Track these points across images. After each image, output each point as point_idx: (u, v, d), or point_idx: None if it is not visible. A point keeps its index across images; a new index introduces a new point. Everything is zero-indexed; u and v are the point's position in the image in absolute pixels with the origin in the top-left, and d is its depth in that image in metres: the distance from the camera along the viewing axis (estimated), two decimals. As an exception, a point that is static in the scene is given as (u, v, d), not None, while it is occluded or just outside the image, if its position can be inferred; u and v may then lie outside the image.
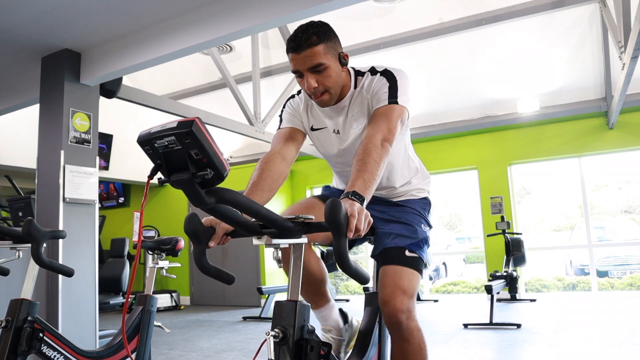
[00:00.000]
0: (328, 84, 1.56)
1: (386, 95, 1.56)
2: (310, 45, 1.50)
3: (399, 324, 1.48)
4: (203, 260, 1.11)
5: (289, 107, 1.79)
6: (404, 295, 1.50)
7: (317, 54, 1.50)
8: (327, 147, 1.78)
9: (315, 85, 1.54)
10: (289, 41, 1.53)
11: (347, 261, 1.05)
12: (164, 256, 2.29)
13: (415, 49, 5.89)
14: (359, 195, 1.26)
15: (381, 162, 1.40)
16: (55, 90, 3.64)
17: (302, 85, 1.58)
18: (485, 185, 7.17)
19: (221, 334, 5.14)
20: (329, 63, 1.54)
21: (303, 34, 1.50)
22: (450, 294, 9.10)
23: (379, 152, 1.41)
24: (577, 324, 4.68)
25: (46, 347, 1.87)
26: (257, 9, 2.95)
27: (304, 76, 1.54)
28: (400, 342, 1.52)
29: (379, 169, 1.38)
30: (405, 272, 1.58)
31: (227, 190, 0.95)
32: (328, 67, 1.54)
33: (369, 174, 1.34)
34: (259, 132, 5.89)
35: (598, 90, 6.25)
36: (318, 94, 1.58)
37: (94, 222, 3.71)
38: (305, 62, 1.52)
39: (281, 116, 1.80)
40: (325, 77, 1.55)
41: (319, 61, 1.51)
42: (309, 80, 1.54)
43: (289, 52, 1.54)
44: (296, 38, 1.51)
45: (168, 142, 0.88)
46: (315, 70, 1.53)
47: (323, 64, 1.52)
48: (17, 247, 1.99)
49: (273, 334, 1.07)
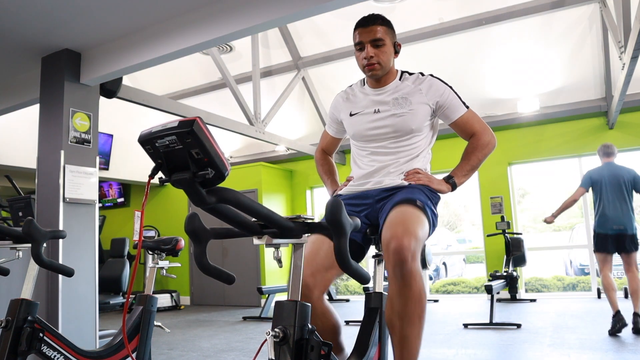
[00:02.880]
0: (383, 58, 1.84)
1: (460, 102, 1.92)
2: (376, 23, 1.84)
3: (403, 262, 1.44)
4: (203, 260, 1.11)
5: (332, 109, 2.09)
6: (410, 235, 1.47)
7: (380, 31, 1.83)
8: (363, 125, 1.92)
9: (372, 55, 1.83)
10: (360, 20, 1.86)
11: (348, 261, 1.04)
12: (164, 256, 2.29)
13: (415, 49, 5.89)
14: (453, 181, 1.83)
15: (483, 158, 1.89)
16: (55, 90, 3.63)
17: (360, 56, 1.87)
18: (485, 185, 7.17)
19: (221, 334, 5.14)
20: (387, 42, 1.85)
21: (372, 16, 1.86)
22: (450, 294, 9.10)
23: (485, 151, 1.89)
24: (577, 324, 4.68)
25: (46, 347, 1.87)
26: (257, 9, 2.95)
27: (364, 48, 1.84)
28: (401, 286, 1.46)
29: (479, 162, 1.89)
30: (414, 214, 1.58)
31: (227, 189, 0.95)
32: (386, 44, 1.84)
33: (470, 166, 1.88)
34: (259, 132, 5.89)
35: (598, 90, 6.25)
36: (372, 63, 1.84)
37: (94, 222, 3.70)
38: (369, 35, 1.83)
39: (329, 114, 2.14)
40: (381, 52, 1.84)
41: (380, 36, 1.83)
42: (369, 50, 1.83)
43: (357, 28, 1.86)
44: (367, 16, 1.86)
45: (169, 141, 0.88)
46: (376, 44, 1.83)
47: (383, 39, 1.83)
48: (17, 247, 1.99)
49: (273, 334, 1.07)
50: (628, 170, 4.32)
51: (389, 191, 1.80)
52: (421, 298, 1.48)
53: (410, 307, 1.47)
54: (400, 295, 1.47)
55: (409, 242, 1.44)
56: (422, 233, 1.54)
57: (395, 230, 1.47)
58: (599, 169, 4.46)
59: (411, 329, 1.48)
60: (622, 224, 4.19)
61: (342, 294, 9.26)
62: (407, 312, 1.47)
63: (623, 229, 4.18)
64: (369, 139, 1.91)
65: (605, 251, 4.25)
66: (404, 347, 1.49)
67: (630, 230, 4.17)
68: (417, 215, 1.58)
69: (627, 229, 4.18)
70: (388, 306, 1.53)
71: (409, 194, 1.71)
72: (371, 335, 1.60)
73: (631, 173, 4.30)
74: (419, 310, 1.48)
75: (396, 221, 1.53)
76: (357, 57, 1.91)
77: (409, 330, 1.48)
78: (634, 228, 4.19)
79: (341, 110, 2.02)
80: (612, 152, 4.45)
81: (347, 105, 2.00)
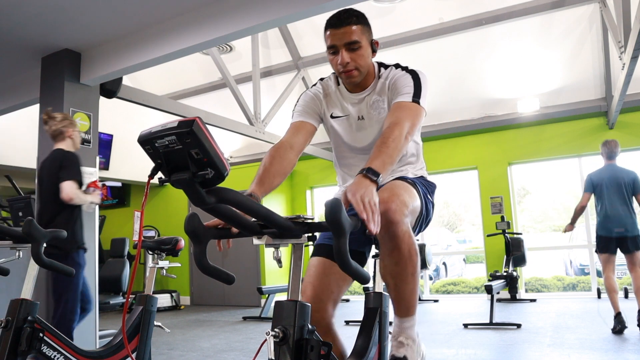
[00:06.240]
0: (360, 62, 1.64)
1: (411, 90, 1.61)
2: (350, 23, 1.60)
3: (390, 223, 1.38)
4: (203, 260, 1.11)
5: (305, 97, 1.81)
6: (397, 198, 1.42)
7: (355, 32, 1.60)
8: (346, 134, 1.78)
9: (349, 60, 1.62)
10: (330, 18, 1.62)
11: (348, 261, 1.04)
12: (164, 256, 2.29)
13: (415, 49, 5.89)
14: (374, 172, 1.31)
15: (400, 151, 1.47)
16: (55, 90, 3.64)
17: (334, 61, 1.65)
18: (485, 185, 7.17)
19: (221, 334, 5.14)
20: (363, 44, 1.63)
21: (344, 13, 1.61)
22: (450, 294, 9.10)
23: (402, 142, 1.47)
24: (577, 324, 4.68)
25: (46, 347, 1.87)
26: (257, 9, 2.95)
27: (338, 52, 1.62)
28: (390, 247, 1.43)
29: (397, 154, 1.45)
30: (403, 185, 1.54)
31: (227, 189, 0.94)
32: (362, 46, 1.62)
33: (387, 156, 1.40)
34: (259, 132, 5.89)
35: (598, 90, 6.25)
36: (349, 70, 1.64)
37: (94, 222, 3.70)
38: (343, 38, 1.60)
39: (294, 110, 1.82)
40: (358, 55, 1.63)
41: (356, 38, 1.60)
42: (343, 55, 1.61)
43: (328, 28, 1.62)
44: (338, 15, 1.61)
45: (169, 141, 0.88)
46: (351, 47, 1.61)
47: (358, 42, 1.61)
48: (17, 247, 1.99)
49: (273, 334, 1.07)
50: (628, 173, 4.32)
51: None
52: (411, 256, 1.46)
53: (401, 266, 1.46)
54: (390, 256, 1.45)
55: (395, 205, 1.40)
56: (410, 200, 1.49)
57: (382, 195, 1.41)
58: (599, 171, 4.46)
59: (405, 286, 1.49)
60: (624, 226, 4.19)
61: (342, 294, 9.24)
62: (398, 272, 1.47)
63: (625, 231, 4.19)
64: (356, 148, 1.79)
65: (608, 252, 4.26)
66: (400, 302, 1.53)
67: (632, 232, 4.18)
68: (405, 186, 1.55)
69: (628, 231, 4.18)
70: (381, 265, 1.51)
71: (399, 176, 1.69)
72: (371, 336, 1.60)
73: (631, 175, 4.29)
74: (410, 268, 1.47)
75: (383, 190, 1.47)
76: (330, 61, 1.68)
77: (403, 287, 1.50)
78: (636, 229, 4.19)
79: (322, 105, 1.80)
80: (615, 154, 4.45)
81: (327, 103, 1.80)
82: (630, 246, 4.17)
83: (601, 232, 4.31)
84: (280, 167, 1.58)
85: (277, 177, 1.55)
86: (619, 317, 4.02)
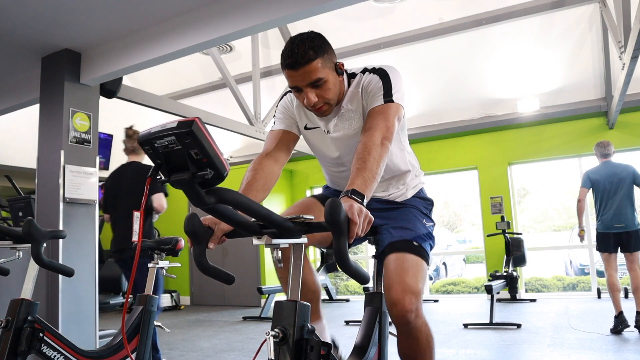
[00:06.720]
0: (328, 96, 1.55)
1: (381, 93, 1.54)
2: (308, 61, 1.46)
3: (407, 323, 1.48)
4: (203, 260, 1.11)
5: (282, 107, 1.76)
6: (412, 295, 1.48)
7: (315, 69, 1.48)
8: (320, 146, 1.77)
9: (316, 99, 1.52)
10: (285, 57, 1.49)
11: (347, 261, 1.05)
12: (164, 256, 2.29)
13: (415, 49, 5.89)
14: (358, 194, 1.25)
15: (381, 161, 1.39)
16: (55, 90, 3.63)
17: (301, 99, 1.56)
18: (485, 185, 7.17)
19: (221, 334, 5.14)
20: (328, 77, 1.52)
21: (299, 50, 1.46)
22: (450, 294, 9.10)
23: (379, 151, 1.39)
24: (577, 324, 4.68)
25: (46, 347, 1.87)
26: (257, 9, 2.95)
27: (302, 91, 1.53)
28: (409, 340, 1.52)
29: (379, 168, 1.37)
30: (412, 263, 1.55)
31: (227, 190, 0.95)
32: (327, 80, 1.52)
33: (368, 172, 1.33)
34: (259, 132, 5.89)
35: (598, 90, 6.25)
36: (319, 107, 1.56)
37: (94, 222, 3.71)
38: (304, 79, 1.49)
39: (275, 116, 1.78)
40: (324, 90, 1.53)
41: (318, 76, 1.49)
42: (309, 95, 1.51)
43: (285, 69, 1.50)
44: (292, 54, 1.46)
45: (168, 142, 0.88)
46: (315, 85, 1.51)
47: (322, 78, 1.50)
48: (17, 247, 1.99)
49: (273, 334, 1.07)
50: (626, 167, 4.33)
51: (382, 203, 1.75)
52: (429, 343, 1.54)
53: (419, 354, 1.54)
54: (409, 347, 1.54)
55: (410, 303, 1.46)
56: (421, 282, 1.55)
57: (396, 290, 1.48)
58: (597, 168, 4.47)
59: None
60: (623, 222, 4.20)
61: (342, 294, 9.26)
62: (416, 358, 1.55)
63: (624, 226, 4.20)
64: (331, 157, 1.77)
65: (608, 250, 4.27)
66: None
67: (632, 227, 4.19)
68: (415, 264, 1.56)
69: (628, 226, 4.19)
70: (399, 351, 1.58)
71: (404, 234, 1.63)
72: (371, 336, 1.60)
73: (629, 170, 4.31)
74: (428, 355, 1.56)
75: (396, 278, 1.50)
76: (297, 98, 1.59)
77: None
78: (636, 224, 4.20)
79: (296, 116, 1.74)
80: (609, 153, 4.47)
81: (301, 115, 1.73)
82: (631, 243, 4.17)
83: (601, 228, 4.32)
84: (265, 182, 1.53)
85: (260, 193, 1.51)
86: (620, 317, 4.02)
